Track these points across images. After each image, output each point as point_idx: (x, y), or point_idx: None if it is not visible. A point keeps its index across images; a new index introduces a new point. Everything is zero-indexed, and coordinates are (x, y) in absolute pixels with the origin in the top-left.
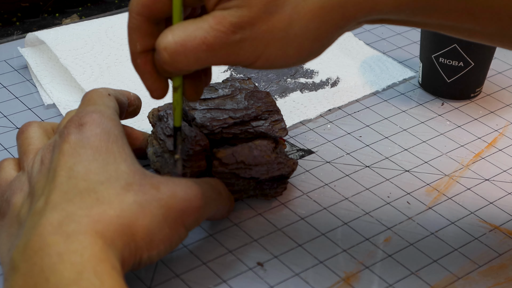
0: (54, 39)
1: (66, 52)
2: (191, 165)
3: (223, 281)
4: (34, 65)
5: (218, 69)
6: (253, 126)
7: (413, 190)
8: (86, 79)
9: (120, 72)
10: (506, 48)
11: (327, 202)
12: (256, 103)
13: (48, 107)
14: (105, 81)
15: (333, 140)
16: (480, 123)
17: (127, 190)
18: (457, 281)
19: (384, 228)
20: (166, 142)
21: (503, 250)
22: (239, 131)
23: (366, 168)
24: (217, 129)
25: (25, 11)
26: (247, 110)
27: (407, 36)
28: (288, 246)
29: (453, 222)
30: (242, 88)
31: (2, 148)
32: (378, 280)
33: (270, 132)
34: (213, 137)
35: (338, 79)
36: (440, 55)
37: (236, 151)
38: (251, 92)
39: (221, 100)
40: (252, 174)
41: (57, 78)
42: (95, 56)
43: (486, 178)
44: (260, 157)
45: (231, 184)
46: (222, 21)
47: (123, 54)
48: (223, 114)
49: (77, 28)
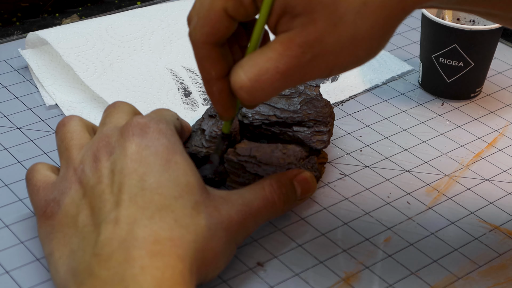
0: (55, 37)
1: (68, 50)
2: (208, 147)
3: (223, 281)
4: (36, 67)
5: None
6: (293, 130)
7: (413, 190)
8: (90, 76)
9: (122, 69)
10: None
11: (327, 202)
12: (308, 110)
13: (50, 107)
14: (108, 78)
15: (333, 140)
16: (480, 123)
17: (198, 212)
18: (457, 281)
19: (384, 228)
20: (204, 120)
21: (503, 250)
22: (278, 131)
23: (366, 168)
24: (257, 122)
25: (25, 11)
26: (295, 113)
27: (407, 36)
28: (288, 246)
29: (453, 222)
30: (303, 93)
31: (2, 148)
32: (378, 280)
33: (307, 141)
34: (253, 129)
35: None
36: (440, 55)
37: (256, 147)
38: (310, 99)
39: (276, 98)
40: (258, 171)
41: (59, 79)
42: (97, 53)
43: (486, 178)
44: (274, 158)
45: (237, 174)
46: (290, 45)
47: (124, 51)
48: (270, 110)
49: (78, 26)
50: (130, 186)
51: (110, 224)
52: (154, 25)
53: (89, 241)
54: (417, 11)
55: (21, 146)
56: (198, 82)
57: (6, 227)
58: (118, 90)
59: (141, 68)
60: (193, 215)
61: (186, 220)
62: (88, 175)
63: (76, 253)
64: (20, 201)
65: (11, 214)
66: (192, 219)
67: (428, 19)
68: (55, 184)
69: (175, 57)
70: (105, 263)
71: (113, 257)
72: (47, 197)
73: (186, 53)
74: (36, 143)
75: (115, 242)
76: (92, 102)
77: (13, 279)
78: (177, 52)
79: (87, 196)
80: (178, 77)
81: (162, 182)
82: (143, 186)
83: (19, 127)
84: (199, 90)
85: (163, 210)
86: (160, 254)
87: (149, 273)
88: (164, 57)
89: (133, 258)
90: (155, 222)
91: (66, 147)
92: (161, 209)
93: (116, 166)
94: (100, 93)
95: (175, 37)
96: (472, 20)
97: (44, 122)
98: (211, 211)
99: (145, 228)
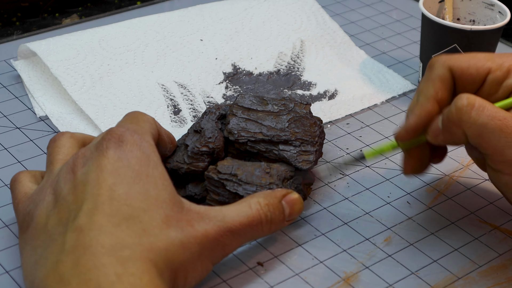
0: (45, 50)
1: (57, 63)
2: (190, 163)
3: (223, 281)
4: (27, 78)
5: (213, 81)
6: (279, 149)
7: (413, 190)
8: (77, 90)
9: (112, 83)
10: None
11: (327, 202)
12: (296, 129)
13: (41, 118)
14: (96, 93)
15: (333, 140)
16: None
17: (168, 225)
18: (457, 281)
19: (384, 228)
20: (188, 135)
21: (503, 250)
22: (264, 149)
23: (366, 168)
24: (242, 139)
25: (25, 11)
26: (282, 132)
27: (407, 36)
28: (288, 246)
29: (453, 222)
30: (293, 110)
31: (2, 148)
32: (378, 280)
33: (293, 160)
34: (239, 146)
35: (336, 91)
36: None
37: (239, 165)
38: (299, 117)
39: (264, 114)
40: (238, 190)
41: (50, 91)
42: (87, 66)
43: (486, 178)
44: (256, 177)
45: (217, 193)
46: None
47: (116, 64)
48: (256, 128)
49: (70, 38)
50: (98, 195)
51: (75, 232)
52: (149, 37)
53: (53, 249)
54: (417, 11)
55: (21, 146)
56: (189, 98)
57: (6, 227)
58: (104, 106)
59: (132, 82)
60: (163, 227)
61: (155, 231)
62: (61, 185)
63: (39, 262)
64: None
65: (11, 214)
66: (162, 230)
67: (428, 19)
68: (31, 196)
69: (168, 71)
70: (72, 270)
71: (80, 263)
72: (24, 210)
73: (180, 68)
74: (36, 143)
75: (80, 249)
76: (82, 114)
77: (13, 279)
78: (171, 66)
79: (57, 206)
80: (169, 93)
81: (131, 194)
82: (112, 196)
83: (19, 127)
84: (190, 107)
85: (131, 220)
86: (131, 259)
87: (126, 280)
88: (156, 71)
89: (103, 265)
90: (121, 230)
91: (51, 161)
92: (128, 218)
93: (88, 177)
94: (86, 109)
95: (170, 50)
96: (472, 20)
97: (44, 122)
98: (183, 225)
99: (111, 235)
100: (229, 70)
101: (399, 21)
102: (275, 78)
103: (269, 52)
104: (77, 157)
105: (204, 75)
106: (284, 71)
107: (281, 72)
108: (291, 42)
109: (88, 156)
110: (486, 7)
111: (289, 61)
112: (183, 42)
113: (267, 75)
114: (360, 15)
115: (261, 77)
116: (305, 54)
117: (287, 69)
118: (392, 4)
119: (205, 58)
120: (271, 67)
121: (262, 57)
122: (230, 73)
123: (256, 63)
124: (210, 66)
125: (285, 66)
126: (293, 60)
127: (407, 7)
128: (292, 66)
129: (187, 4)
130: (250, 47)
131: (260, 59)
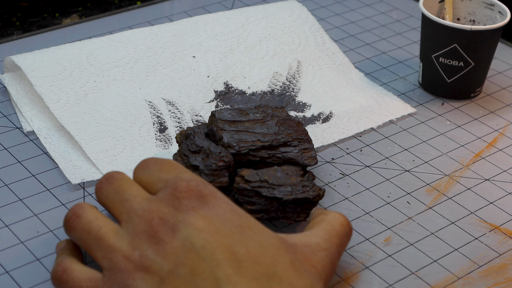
0: (31, 65)
1: (41, 79)
2: (213, 180)
3: None
4: (14, 92)
5: (204, 99)
6: (281, 151)
7: (413, 190)
8: (60, 107)
9: (97, 100)
10: None
11: (327, 202)
12: (287, 130)
13: (28, 133)
14: (80, 110)
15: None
16: (480, 123)
17: (299, 272)
18: (457, 281)
19: (384, 228)
20: (190, 157)
21: (503, 250)
22: (267, 155)
23: (366, 168)
24: (244, 150)
25: (25, 11)
26: (277, 135)
27: (407, 36)
28: None
29: (453, 222)
30: (274, 115)
31: (2, 148)
32: (378, 280)
33: (299, 159)
34: (240, 158)
35: (331, 114)
36: (440, 55)
37: (261, 171)
38: (283, 120)
39: (251, 123)
40: (275, 194)
41: (38, 105)
42: (72, 83)
43: (486, 178)
44: (284, 178)
45: (252, 202)
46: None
47: (102, 80)
48: (251, 136)
49: (57, 52)
50: (225, 261)
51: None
52: (140, 52)
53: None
54: (417, 11)
55: (21, 146)
56: (177, 116)
57: (6, 227)
58: (87, 123)
59: (118, 99)
60: (297, 276)
61: (294, 280)
62: (155, 259)
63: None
64: (20, 201)
65: (11, 214)
66: (300, 280)
67: (428, 19)
68: (108, 280)
69: (157, 88)
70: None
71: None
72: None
73: (169, 84)
74: (36, 143)
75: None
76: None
77: (13, 279)
78: (160, 83)
79: (167, 282)
80: (156, 110)
81: (252, 251)
82: (237, 258)
83: (19, 127)
84: (176, 125)
85: (274, 279)
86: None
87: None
88: (145, 87)
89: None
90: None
91: (98, 237)
92: (270, 277)
93: (193, 243)
94: (67, 126)
95: (160, 66)
96: (472, 20)
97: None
98: (307, 267)
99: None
100: (221, 88)
101: (399, 21)
102: (269, 98)
103: (263, 71)
104: (153, 224)
105: (194, 93)
106: (278, 92)
107: (275, 92)
108: (287, 62)
109: (171, 220)
110: (486, 7)
111: (284, 82)
112: (175, 58)
113: (260, 95)
114: (360, 15)
115: (254, 96)
116: (301, 75)
117: (282, 90)
118: (392, 4)
119: (196, 75)
120: (265, 87)
121: (256, 77)
122: (221, 92)
123: (249, 82)
124: (201, 84)
125: (280, 87)
126: (289, 80)
127: (407, 7)
128: (287, 87)
129: (187, 5)
130: (244, 66)
131: (254, 78)
